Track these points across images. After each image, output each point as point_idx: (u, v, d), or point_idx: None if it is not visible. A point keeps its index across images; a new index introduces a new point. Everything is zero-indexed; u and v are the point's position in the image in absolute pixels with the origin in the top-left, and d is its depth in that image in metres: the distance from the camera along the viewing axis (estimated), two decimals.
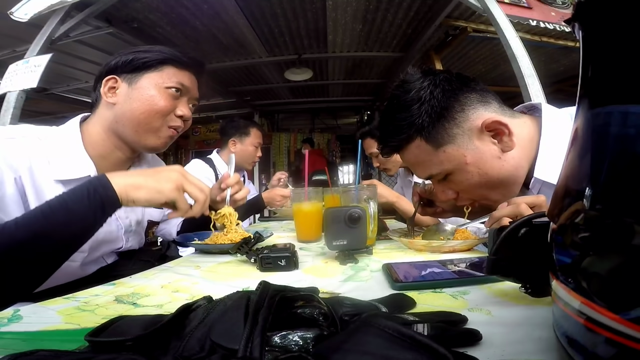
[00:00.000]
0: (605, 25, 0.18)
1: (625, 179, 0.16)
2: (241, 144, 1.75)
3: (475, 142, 0.61)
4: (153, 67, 0.71)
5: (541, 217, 0.29)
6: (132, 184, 0.53)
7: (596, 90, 0.19)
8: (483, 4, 1.93)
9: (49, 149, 0.66)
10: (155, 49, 0.73)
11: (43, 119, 4.74)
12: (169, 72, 0.72)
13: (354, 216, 0.60)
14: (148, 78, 0.70)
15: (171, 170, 0.58)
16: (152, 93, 0.69)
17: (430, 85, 0.62)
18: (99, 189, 0.50)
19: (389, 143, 0.67)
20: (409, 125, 0.62)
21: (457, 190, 0.67)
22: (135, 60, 0.70)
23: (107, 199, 0.51)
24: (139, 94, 0.69)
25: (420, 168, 0.67)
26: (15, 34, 2.48)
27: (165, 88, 0.71)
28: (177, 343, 0.24)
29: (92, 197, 0.49)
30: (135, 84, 0.70)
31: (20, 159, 0.62)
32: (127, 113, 0.69)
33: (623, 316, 0.15)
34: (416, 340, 0.19)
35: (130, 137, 0.71)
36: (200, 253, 0.77)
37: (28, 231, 0.45)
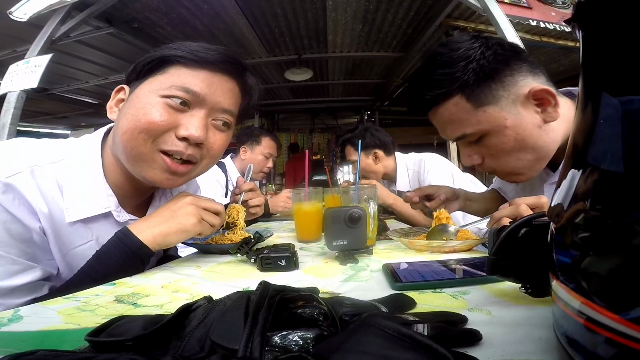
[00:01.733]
0: (605, 25, 0.18)
1: (625, 178, 0.16)
2: (251, 151, 1.76)
3: (519, 108, 0.61)
4: (156, 69, 0.54)
5: (541, 218, 0.29)
6: (160, 234, 0.55)
7: (596, 90, 0.19)
8: (483, 4, 1.93)
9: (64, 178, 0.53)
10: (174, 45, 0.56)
11: (43, 119, 4.75)
12: (174, 74, 0.53)
13: (354, 216, 0.60)
14: (147, 84, 0.54)
15: (186, 205, 0.58)
16: (140, 105, 0.52)
17: (482, 47, 0.61)
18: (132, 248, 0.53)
19: (422, 97, 0.64)
20: (452, 81, 0.61)
21: (484, 156, 0.66)
22: (138, 65, 0.55)
23: (145, 256, 0.54)
24: (127, 108, 0.53)
25: (454, 126, 0.64)
26: (15, 34, 2.48)
27: (162, 97, 0.52)
28: (177, 343, 0.24)
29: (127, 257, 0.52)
30: (132, 93, 0.55)
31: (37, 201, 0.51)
32: (117, 134, 0.54)
33: (623, 316, 0.15)
34: (416, 340, 0.19)
35: (126, 165, 0.56)
36: (201, 253, 0.77)
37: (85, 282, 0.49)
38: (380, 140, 1.55)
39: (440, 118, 0.65)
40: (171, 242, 0.56)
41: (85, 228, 0.56)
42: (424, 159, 1.46)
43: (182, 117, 0.54)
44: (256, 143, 1.76)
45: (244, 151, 1.76)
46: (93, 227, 0.57)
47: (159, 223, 0.56)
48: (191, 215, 0.57)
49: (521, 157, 0.64)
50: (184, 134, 0.53)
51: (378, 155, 1.55)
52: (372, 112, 5.52)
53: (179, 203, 0.59)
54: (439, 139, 4.81)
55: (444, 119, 0.65)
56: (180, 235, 0.57)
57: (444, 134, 0.68)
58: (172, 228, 0.56)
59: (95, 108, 4.47)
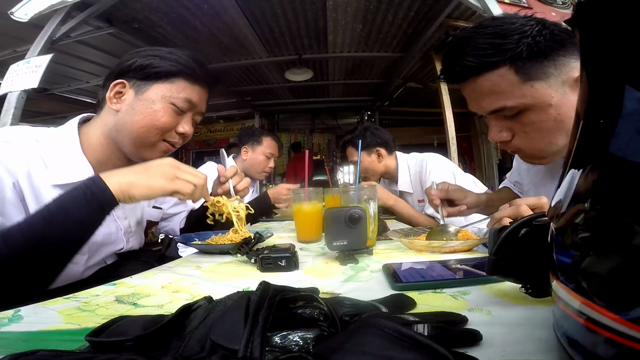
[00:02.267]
0: (606, 26, 0.18)
1: (625, 178, 0.16)
2: (252, 152, 1.74)
3: (567, 89, 0.59)
4: (164, 77, 0.67)
5: (541, 218, 0.29)
6: (127, 183, 0.54)
7: (596, 90, 0.19)
8: (483, 4, 1.93)
9: (46, 152, 0.64)
10: (172, 56, 0.68)
11: (44, 119, 4.75)
12: (179, 86, 0.68)
13: (354, 216, 0.60)
14: (156, 89, 0.67)
15: (162, 165, 0.58)
16: (156, 108, 0.66)
17: (539, 25, 0.59)
18: (96, 192, 0.52)
19: (464, 63, 0.61)
20: (502, 51, 0.58)
21: (515, 132, 0.64)
22: (149, 68, 0.67)
23: (105, 200, 0.52)
24: (143, 107, 0.66)
25: (494, 98, 0.61)
26: (16, 34, 2.48)
27: (171, 104, 0.67)
28: (177, 343, 0.24)
29: (90, 200, 0.51)
30: (142, 93, 0.67)
31: (17, 163, 0.60)
32: (128, 124, 0.66)
33: (623, 316, 0.15)
34: (416, 341, 0.19)
35: (127, 149, 0.69)
36: (201, 253, 0.77)
37: (31, 236, 0.47)
38: (382, 138, 1.55)
39: (479, 89, 0.62)
40: (135, 194, 0.54)
41: None
42: (425, 159, 1.46)
43: (181, 119, 0.71)
44: (257, 143, 1.75)
45: (245, 151, 1.76)
46: None
47: (129, 173, 0.56)
48: (163, 175, 0.57)
49: (553, 139, 0.62)
50: (181, 131, 0.71)
51: (381, 154, 1.55)
52: (372, 112, 5.52)
53: (157, 161, 0.60)
54: (439, 139, 4.80)
55: (483, 89, 0.62)
56: (144, 190, 0.55)
57: (477, 105, 0.65)
58: (140, 180, 0.55)
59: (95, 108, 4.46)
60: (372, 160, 1.55)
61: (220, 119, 5.54)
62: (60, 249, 0.50)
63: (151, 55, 0.68)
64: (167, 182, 0.57)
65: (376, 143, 1.53)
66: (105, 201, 0.52)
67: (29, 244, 0.47)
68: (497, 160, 5.71)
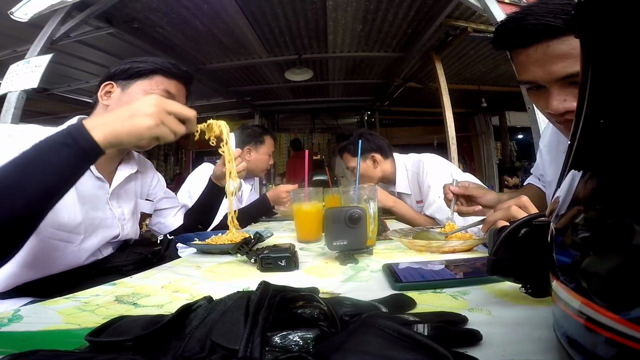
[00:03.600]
0: (606, 26, 0.18)
1: (625, 178, 0.16)
2: (256, 152, 1.75)
3: None
4: (145, 75, 0.78)
5: (541, 218, 0.29)
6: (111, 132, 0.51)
7: (596, 90, 0.19)
8: (483, 4, 1.93)
9: None
10: (149, 59, 0.80)
11: (44, 119, 4.74)
12: (158, 80, 0.79)
13: (354, 216, 0.60)
14: (138, 85, 0.78)
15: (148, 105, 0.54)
16: (138, 97, 0.75)
17: None
18: (78, 138, 0.48)
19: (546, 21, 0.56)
20: None
21: None
22: (130, 69, 0.78)
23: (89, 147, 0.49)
24: (128, 98, 0.76)
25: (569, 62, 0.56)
26: (15, 34, 2.48)
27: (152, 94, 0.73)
28: (177, 343, 0.24)
29: (72, 146, 0.47)
30: (127, 89, 0.77)
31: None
32: None
33: (623, 316, 0.15)
34: (416, 341, 0.19)
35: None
36: (201, 253, 0.77)
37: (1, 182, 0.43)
38: (376, 143, 1.55)
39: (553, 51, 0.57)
40: (123, 143, 0.52)
41: None
42: (422, 160, 1.46)
43: None
44: (260, 143, 1.75)
45: (249, 151, 1.76)
46: None
47: (113, 121, 0.53)
48: (148, 117, 0.54)
49: None
50: None
51: (376, 159, 1.54)
52: (372, 112, 5.52)
53: (142, 101, 0.56)
54: (439, 139, 4.80)
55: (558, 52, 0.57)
56: (132, 138, 0.53)
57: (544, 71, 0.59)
58: (125, 127, 0.52)
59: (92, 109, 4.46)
60: (368, 166, 1.55)
61: (220, 119, 5.53)
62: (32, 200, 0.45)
63: (131, 61, 0.79)
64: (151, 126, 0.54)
65: (371, 149, 1.53)
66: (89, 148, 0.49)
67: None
68: (497, 160, 5.71)
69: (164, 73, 0.80)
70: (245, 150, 1.75)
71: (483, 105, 4.39)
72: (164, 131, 0.56)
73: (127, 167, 0.86)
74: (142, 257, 0.81)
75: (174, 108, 0.57)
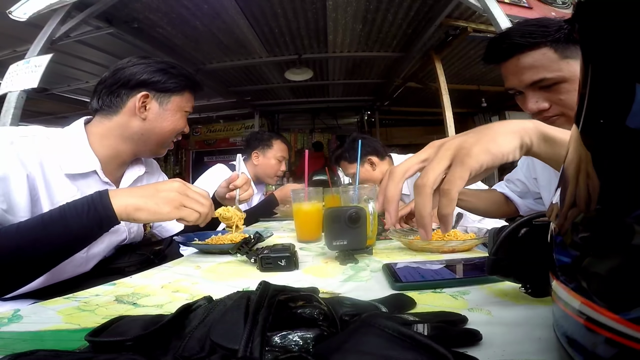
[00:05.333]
0: (606, 26, 0.18)
1: (625, 178, 0.16)
2: (263, 156, 1.71)
3: None
4: (179, 91, 0.82)
5: (541, 217, 0.29)
6: (133, 205, 0.56)
7: (596, 90, 0.19)
8: (483, 4, 1.93)
9: (57, 146, 0.71)
10: (180, 72, 0.82)
11: (44, 119, 4.74)
12: (187, 97, 0.85)
13: (354, 216, 0.60)
14: (175, 101, 0.82)
15: (170, 190, 0.60)
16: (177, 116, 0.83)
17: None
18: (99, 208, 0.54)
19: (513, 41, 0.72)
20: (544, 35, 0.70)
21: (553, 101, 0.72)
22: (167, 82, 0.80)
23: (105, 218, 0.54)
24: (170, 116, 0.81)
25: (535, 70, 0.71)
26: (15, 34, 2.48)
27: (185, 111, 0.84)
28: (177, 343, 0.24)
29: (90, 215, 0.53)
30: (165, 105, 0.81)
31: (32, 156, 0.66)
32: (157, 130, 0.80)
33: (623, 316, 0.15)
34: (416, 340, 0.19)
35: (149, 148, 0.82)
36: (201, 253, 0.77)
37: (27, 237, 0.50)
38: (371, 146, 1.55)
39: (522, 63, 0.73)
40: (140, 218, 0.57)
41: (72, 185, 0.71)
42: None
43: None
44: (268, 147, 1.72)
45: (256, 156, 1.72)
46: (78, 184, 0.73)
47: (138, 196, 0.58)
48: (170, 202, 0.59)
49: None
50: (186, 132, 0.88)
51: (373, 162, 1.54)
52: (372, 112, 5.52)
53: (166, 185, 0.61)
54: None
55: (525, 64, 0.72)
56: (152, 216, 0.57)
57: (518, 79, 0.74)
58: (147, 204, 0.57)
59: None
60: (366, 169, 1.54)
61: (220, 118, 5.53)
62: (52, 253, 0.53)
63: (161, 70, 0.79)
64: (173, 209, 0.59)
65: (366, 152, 1.53)
66: (105, 219, 0.54)
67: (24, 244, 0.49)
68: None
69: (191, 90, 0.85)
70: (253, 155, 1.73)
71: (483, 105, 4.40)
72: (184, 214, 0.60)
73: (134, 169, 0.87)
74: (144, 258, 0.81)
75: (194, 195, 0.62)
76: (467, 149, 0.36)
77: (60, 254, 0.54)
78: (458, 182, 0.35)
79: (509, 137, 0.39)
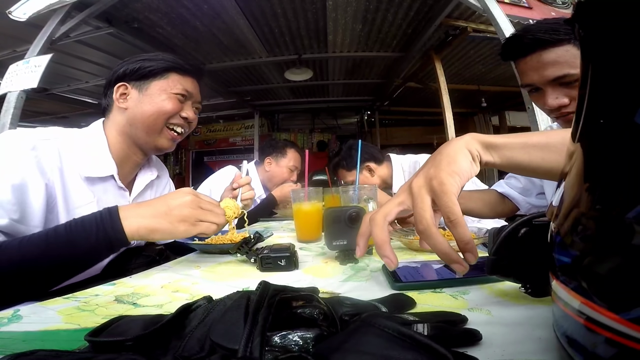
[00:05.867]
0: (606, 25, 0.18)
1: (625, 178, 0.16)
2: (276, 164, 1.72)
3: None
4: (159, 74, 0.77)
5: (541, 217, 0.29)
6: (146, 227, 0.53)
7: (596, 90, 0.19)
8: (483, 4, 1.93)
9: (77, 147, 0.70)
10: (159, 57, 0.78)
11: (43, 119, 4.74)
12: (174, 79, 0.78)
13: (354, 216, 0.60)
14: (156, 85, 0.76)
15: (183, 206, 0.56)
16: (161, 98, 0.76)
17: None
18: (108, 229, 0.51)
19: (537, 36, 0.73)
20: (568, 33, 0.70)
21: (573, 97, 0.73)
22: (141, 69, 0.75)
23: (116, 240, 0.51)
24: (149, 99, 0.76)
25: (558, 66, 0.72)
26: (15, 34, 2.48)
27: (173, 94, 0.77)
28: (177, 343, 0.24)
29: (100, 236, 0.50)
30: (145, 90, 0.76)
31: (52, 161, 0.65)
32: (138, 116, 0.75)
33: (623, 316, 0.15)
34: (416, 340, 0.19)
35: (142, 139, 0.77)
36: (200, 253, 0.77)
37: (28, 253, 0.47)
38: (368, 153, 1.53)
39: (545, 59, 0.73)
40: (155, 239, 0.55)
41: (89, 190, 0.70)
42: (418, 161, 1.46)
43: (183, 106, 0.79)
44: (281, 155, 1.72)
45: (269, 163, 1.72)
46: (95, 189, 0.71)
47: (150, 215, 0.54)
48: (185, 219, 0.56)
49: None
50: (185, 115, 0.79)
51: (371, 168, 1.53)
52: (372, 112, 5.51)
53: (177, 200, 0.57)
54: (439, 139, 4.80)
55: (549, 59, 0.73)
56: (166, 236, 0.55)
57: (539, 75, 0.74)
58: (161, 225, 0.54)
59: (95, 108, 4.46)
60: (365, 176, 1.53)
61: (220, 118, 5.53)
62: (51, 273, 0.49)
63: (139, 60, 0.77)
64: (189, 227, 0.56)
65: (364, 159, 1.51)
66: (115, 240, 0.51)
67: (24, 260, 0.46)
68: None
69: (178, 70, 0.78)
70: (266, 161, 1.73)
71: (483, 105, 4.40)
72: (201, 229, 0.58)
73: (146, 173, 0.86)
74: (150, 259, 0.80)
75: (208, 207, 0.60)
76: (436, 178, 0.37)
77: (64, 273, 0.51)
78: (455, 209, 0.35)
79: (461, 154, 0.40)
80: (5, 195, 0.56)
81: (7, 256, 0.46)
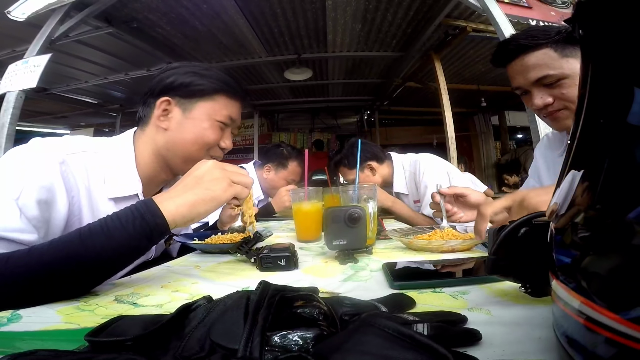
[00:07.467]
0: (606, 25, 0.18)
1: (625, 178, 0.16)
2: (275, 174, 1.69)
3: None
4: (207, 95, 0.71)
5: (541, 217, 0.29)
6: (184, 204, 0.49)
7: (596, 89, 0.19)
8: (483, 3, 1.93)
9: (104, 164, 0.66)
10: (212, 74, 0.72)
11: (43, 119, 4.74)
12: (221, 103, 0.72)
13: (354, 216, 0.60)
14: (202, 107, 0.70)
15: (211, 170, 0.54)
16: (204, 125, 0.70)
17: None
18: (146, 216, 0.47)
19: (519, 42, 0.79)
20: (546, 37, 0.76)
21: (556, 96, 0.78)
22: (192, 85, 0.69)
23: (155, 227, 0.47)
24: (192, 125, 0.70)
25: (539, 68, 0.78)
26: (14, 34, 2.48)
27: (217, 121, 0.71)
28: (177, 343, 0.24)
29: (138, 225, 0.46)
30: (189, 112, 0.70)
31: (80, 177, 0.61)
32: (179, 143, 0.70)
33: (623, 316, 0.15)
34: (416, 340, 0.19)
35: (178, 166, 0.72)
36: (200, 253, 0.77)
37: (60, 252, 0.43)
38: (370, 152, 1.53)
39: (527, 62, 0.79)
40: (200, 212, 0.50)
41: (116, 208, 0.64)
42: (419, 160, 1.46)
43: (223, 134, 0.74)
44: (282, 167, 1.68)
45: (268, 170, 1.69)
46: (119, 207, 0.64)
47: (183, 192, 0.50)
48: (220, 180, 0.52)
49: None
50: (223, 146, 0.75)
51: (373, 167, 1.53)
52: (371, 111, 5.52)
53: (201, 169, 0.54)
54: (439, 138, 4.80)
55: (530, 63, 0.79)
56: (209, 204, 0.51)
57: (524, 77, 0.81)
58: (199, 195, 0.50)
59: (94, 108, 4.46)
60: (367, 175, 1.53)
61: None
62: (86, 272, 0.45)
63: (191, 72, 0.70)
64: (227, 187, 0.53)
65: (366, 158, 1.51)
66: (156, 228, 0.47)
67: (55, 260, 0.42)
68: (497, 159, 5.71)
69: (227, 93, 0.73)
70: (265, 167, 1.70)
71: (482, 104, 4.40)
72: (237, 189, 0.55)
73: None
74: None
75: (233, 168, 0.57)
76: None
77: (100, 272, 0.46)
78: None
79: None
80: (32, 211, 0.53)
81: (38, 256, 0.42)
